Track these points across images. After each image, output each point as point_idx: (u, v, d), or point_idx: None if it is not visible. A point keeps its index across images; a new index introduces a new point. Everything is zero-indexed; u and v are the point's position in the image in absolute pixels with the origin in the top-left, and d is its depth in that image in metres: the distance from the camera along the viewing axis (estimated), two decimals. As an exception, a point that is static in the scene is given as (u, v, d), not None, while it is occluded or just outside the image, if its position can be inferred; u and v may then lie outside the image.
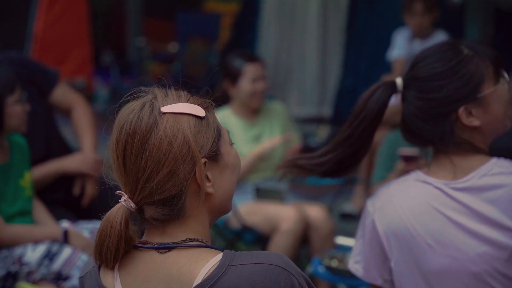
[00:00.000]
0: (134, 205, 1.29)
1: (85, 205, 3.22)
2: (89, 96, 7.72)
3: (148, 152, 1.27)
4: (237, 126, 4.03)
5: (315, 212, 3.80)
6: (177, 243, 1.31)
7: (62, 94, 3.31)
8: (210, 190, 1.33)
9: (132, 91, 1.35)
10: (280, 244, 3.65)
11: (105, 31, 9.23)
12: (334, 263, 3.33)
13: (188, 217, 1.32)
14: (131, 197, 1.29)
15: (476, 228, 1.78)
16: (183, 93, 1.36)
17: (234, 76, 3.99)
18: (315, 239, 3.76)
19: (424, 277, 1.84)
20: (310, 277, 3.59)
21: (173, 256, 1.30)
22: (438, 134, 1.82)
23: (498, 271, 1.76)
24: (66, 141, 3.39)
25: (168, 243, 1.31)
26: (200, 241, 1.32)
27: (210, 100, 1.37)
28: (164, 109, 1.30)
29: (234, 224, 3.86)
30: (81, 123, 3.32)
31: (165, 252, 1.31)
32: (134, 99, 1.35)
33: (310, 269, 3.50)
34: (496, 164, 1.80)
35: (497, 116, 1.83)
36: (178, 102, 1.32)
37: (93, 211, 3.19)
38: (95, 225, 3.03)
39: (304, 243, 3.87)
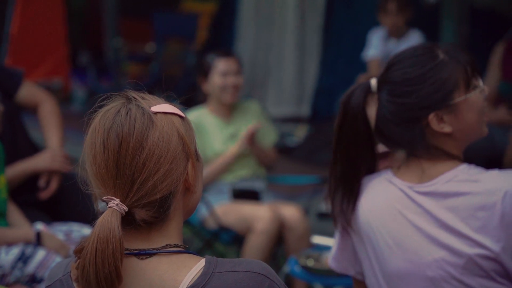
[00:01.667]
0: (127, 208, 1.26)
1: (43, 198, 3.19)
2: (66, 97, 7.69)
3: (146, 151, 1.26)
4: (213, 124, 4.04)
5: (290, 212, 3.80)
6: (158, 249, 1.29)
7: (28, 93, 3.29)
8: (197, 189, 1.35)
9: (104, 96, 1.34)
10: (255, 244, 3.65)
11: (82, 31, 9.18)
12: (310, 263, 3.33)
13: (171, 219, 1.32)
14: (122, 200, 1.26)
15: (435, 233, 1.78)
16: (154, 96, 1.37)
17: (206, 71, 4.02)
18: (290, 239, 3.77)
19: (384, 277, 1.85)
20: (287, 277, 3.59)
21: (154, 262, 1.29)
22: (408, 138, 1.82)
23: (454, 278, 1.76)
24: (34, 142, 3.37)
25: (149, 249, 1.29)
26: (180, 247, 1.31)
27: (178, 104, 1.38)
28: (154, 108, 1.30)
29: (211, 224, 3.86)
30: (48, 119, 3.30)
31: (145, 258, 1.29)
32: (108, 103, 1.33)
33: (286, 268, 3.51)
34: (462, 171, 1.79)
35: (470, 124, 1.82)
36: (159, 103, 1.33)
37: (68, 213, 3.18)
38: (70, 227, 3.02)
39: (280, 242, 3.87)
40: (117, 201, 1.26)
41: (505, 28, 5.46)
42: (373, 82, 1.86)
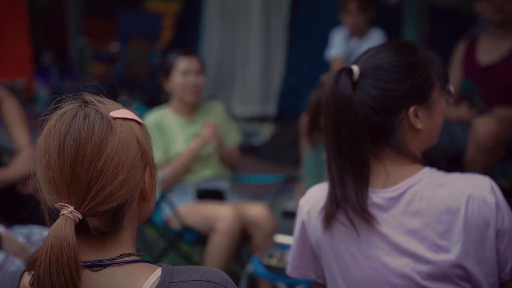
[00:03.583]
0: (81, 216, 1.21)
1: (28, 193, 3.18)
2: (29, 98, 7.62)
3: (105, 158, 1.22)
4: (175, 123, 4.03)
5: (257, 210, 3.81)
6: (112, 259, 1.26)
7: None
8: (151, 198, 1.32)
9: (59, 97, 1.30)
10: (217, 244, 3.65)
11: (45, 31, 9.10)
12: (273, 262, 3.34)
13: (125, 228, 1.29)
14: (77, 208, 1.21)
15: (399, 240, 1.76)
16: (111, 100, 1.33)
17: (167, 70, 4.02)
18: (257, 237, 3.77)
19: (347, 285, 1.83)
20: (250, 276, 3.60)
21: (108, 274, 1.25)
22: (385, 128, 1.79)
23: (418, 284, 1.75)
24: None
25: (102, 260, 1.26)
26: (135, 255, 1.28)
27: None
28: (114, 114, 1.26)
29: (175, 224, 3.85)
30: (12, 117, 3.27)
31: (99, 270, 1.25)
32: (63, 106, 1.29)
33: (250, 268, 3.51)
34: (426, 175, 1.78)
35: (437, 126, 1.83)
36: (117, 108, 1.29)
37: (28, 216, 3.14)
38: (30, 230, 2.98)
39: (246, 241, 3.88)
40: (71, 208, 1.21)
41: (466, 26, 5.52)
42: (355, 68, 1.80)
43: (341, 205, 1.80)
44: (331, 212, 1.81)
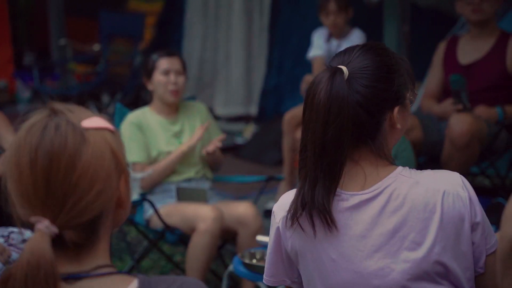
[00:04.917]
0: (57, 230, 1.19)
1: None
2: (11, 98, 7.59)
3: (79, 170, 1.20)
4: (156, 124, 4.03)
5: (245, 208, 3.82)
6: (87, 271, 1.24)
7: None
8: (127, 205, 1.31)
9: (28, 108, 1.27)
10: (199, 244, 3.66)
11: (27, 31, 9.06)
12: (254, 261, 3.34)
13: (101, 238, 1.27)
14: (52, 221, 1.19)
15: (378, 240, 1.76)
16: (81, 107, 1.30)
17: (149, 71, 4.03)
18: (243, 236, 3.78)
19: None
20: (232, 276, 3.60)
21: (84, 287, 1.23)
22: (373, 128, 1.79)
23: (400, 284, 1.75)
24: None
25: (78, 273, 1.24)
26: (111, 267, 1.27)
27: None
28: (86, 123, 1.24)
29: (157, 224, 3.85)
30: None
31: (74, 282, 1.23)
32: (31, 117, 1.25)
33: (231, 267, 3.51)
34: (401, 173, 1.79)
35: (405, 126, 1.85)
36: (88, 116, 1.27)
37: (6, 217, 3.12)
38: (10, 231, 2.97)
39: (230, 241, 3.89)
40: (47, 222, 1.19)
41: (447, 27, 5.55)
42: (345, 69, 1.76)
43: (307, 207, 1.77)
44: (296, 213, 1.79)
